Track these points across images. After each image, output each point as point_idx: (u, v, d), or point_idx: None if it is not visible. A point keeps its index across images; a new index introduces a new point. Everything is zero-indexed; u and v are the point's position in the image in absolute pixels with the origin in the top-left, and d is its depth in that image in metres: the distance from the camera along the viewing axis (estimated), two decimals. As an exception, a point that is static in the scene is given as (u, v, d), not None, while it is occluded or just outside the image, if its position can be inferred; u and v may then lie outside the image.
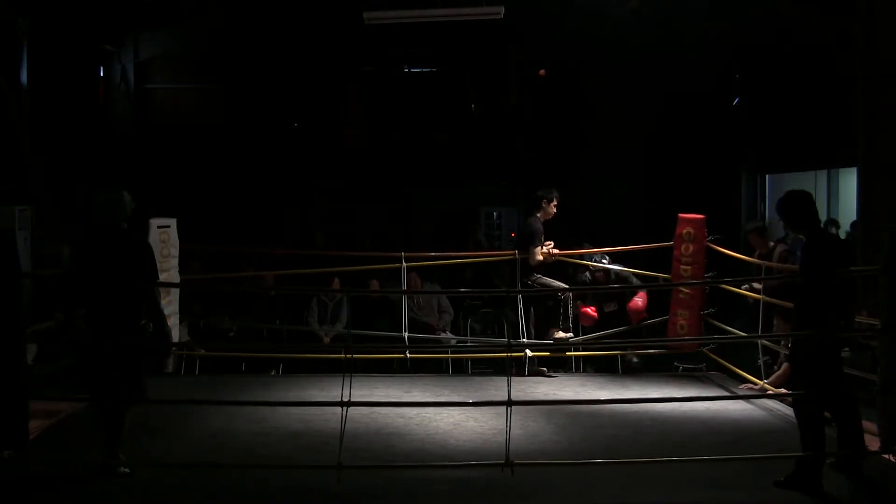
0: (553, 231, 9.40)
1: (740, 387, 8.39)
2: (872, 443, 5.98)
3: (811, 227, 5.75)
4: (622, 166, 13.94)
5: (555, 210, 9.23)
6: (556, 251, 9.18)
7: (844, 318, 5.76)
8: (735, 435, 6.81)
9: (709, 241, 9.27)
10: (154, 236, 8.92)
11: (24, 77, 10.72)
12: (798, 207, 5.78)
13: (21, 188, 10.47)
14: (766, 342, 8.34)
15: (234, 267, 11.06)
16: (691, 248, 9.25)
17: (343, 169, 14.31)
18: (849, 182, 11.76)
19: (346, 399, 5.61)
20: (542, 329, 9.17)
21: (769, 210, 13.59)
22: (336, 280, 10.51)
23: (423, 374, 9.24)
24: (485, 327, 10.97)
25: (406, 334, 9.42)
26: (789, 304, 7.43)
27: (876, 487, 5.63)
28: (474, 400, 7.77)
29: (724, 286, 9.30)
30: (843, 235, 11.48)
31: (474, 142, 14.43)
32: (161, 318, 5.92)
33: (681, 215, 9.43)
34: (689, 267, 9.23)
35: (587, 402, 7.71)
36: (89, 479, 5.62)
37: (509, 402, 5.70)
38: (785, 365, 7.80)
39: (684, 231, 9.31)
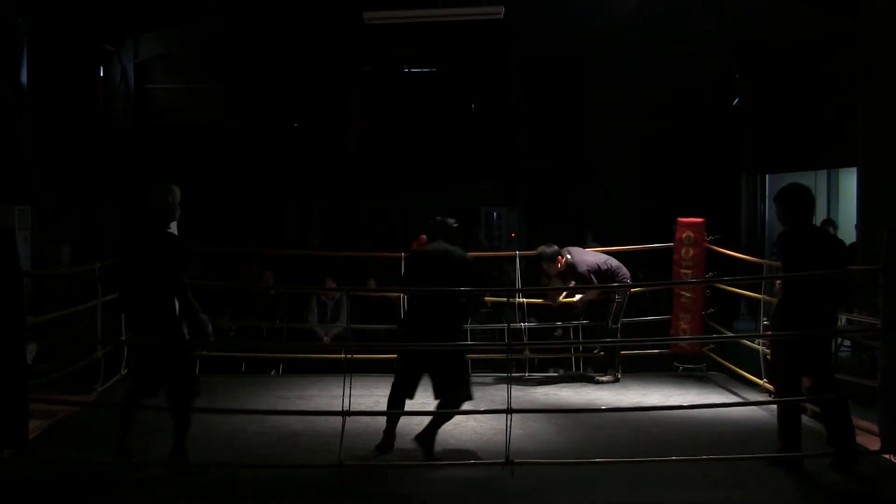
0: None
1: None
2: (873, 443, 5.98)
3: (800, 221, 5.78)
4: (622, 166, 13.94)
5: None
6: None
7: (828, 313, 5.80)
8: (735, 435, 6.80)
9: (709, 241, 9.24)
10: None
11: (24, 77, 10.73)
12: (794, 199, 5.82)
13: (21, 188, 10.47)
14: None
15: (233, 267, 11.05)
16: (691, 251, 9.20)
17: (343, 169, 14.31)
18: (849, 182, 11.75)
19: (346, 405, 5.66)
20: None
21: (769, 210, 13.60)
22: (329, 280, 10.50)
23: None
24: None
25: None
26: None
27: (875, 487, 5.63)
28: (474, 399, 7.76)
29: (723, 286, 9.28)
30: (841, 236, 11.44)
31: (474, 142, 14.43)
32: (194, 312, 6.02)
33: (680, 219, 9.37)
34: (689, 271, 9.18)
35: (589, 411, 7.70)
36: (89, 480, 5.62)
37: (509, 411, 5.70)
38: None
39: (684, 235, 9.26)
